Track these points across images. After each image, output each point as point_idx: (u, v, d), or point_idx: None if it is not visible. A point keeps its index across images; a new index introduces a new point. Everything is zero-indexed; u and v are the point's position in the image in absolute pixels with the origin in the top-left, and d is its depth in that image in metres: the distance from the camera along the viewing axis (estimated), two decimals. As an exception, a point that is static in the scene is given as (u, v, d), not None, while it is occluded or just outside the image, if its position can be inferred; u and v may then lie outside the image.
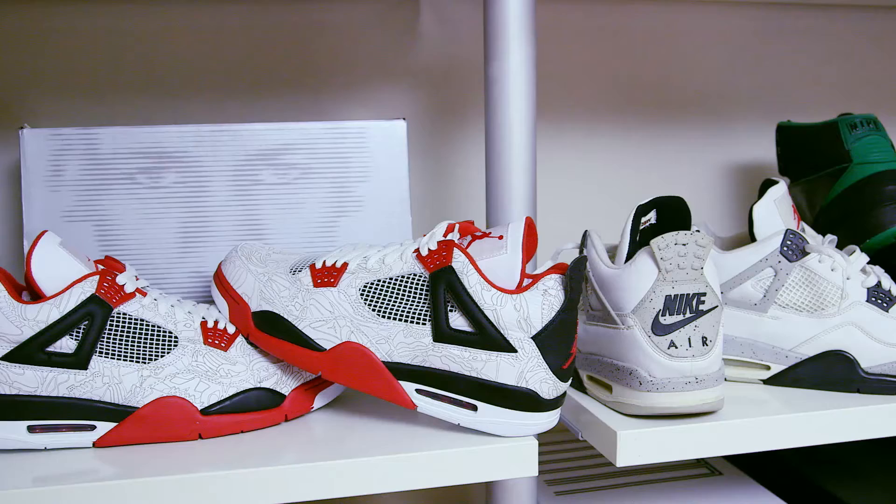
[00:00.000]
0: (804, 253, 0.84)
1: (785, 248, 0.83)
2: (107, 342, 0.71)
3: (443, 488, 1.20)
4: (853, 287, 0.84)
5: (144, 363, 0.71)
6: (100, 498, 0.64)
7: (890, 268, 1.07)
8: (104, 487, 0.64)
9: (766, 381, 0.86)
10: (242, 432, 0.74)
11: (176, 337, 0.73)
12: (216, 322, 0.76)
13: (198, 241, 0.86)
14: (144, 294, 0.74)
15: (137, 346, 0.71)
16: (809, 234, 0.87)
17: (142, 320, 0.72)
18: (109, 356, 0.70)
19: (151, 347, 0.72)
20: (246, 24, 1.06)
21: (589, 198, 1.20)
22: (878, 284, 0.85)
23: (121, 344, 0.71)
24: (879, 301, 0.84)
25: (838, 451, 0.96)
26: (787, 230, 0.84)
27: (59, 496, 0.64)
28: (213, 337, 0.75)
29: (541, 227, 1.19)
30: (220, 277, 0.79)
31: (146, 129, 0.85)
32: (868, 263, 1.04)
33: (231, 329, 0.76)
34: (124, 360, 0.71)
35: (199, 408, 0.72)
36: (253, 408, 0.74)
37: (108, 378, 0.70)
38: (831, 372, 0.84)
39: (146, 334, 0.72)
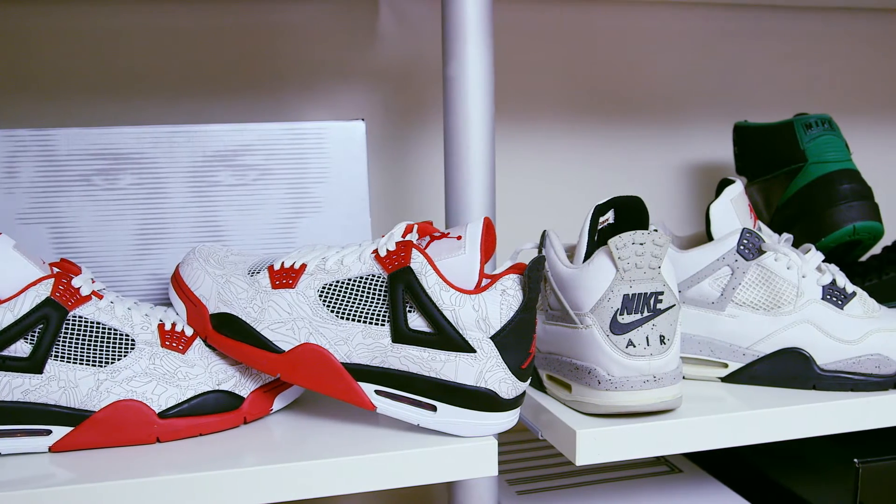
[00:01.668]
0: (760, 252, 0.84)
1: (741, 247, 0.84)
2: (62, 346, 0.70)
3: (405, 488, 1.20)
4: (809, 285, 0.85)
5: (101, 366, 0.70)
6: (56, 503, 0.63)
7: (845, 265, 1.08)
8: (60, 493, 0.63)
9: (724, 379, 0.87)
10: (201, 435, 0.73)
11: (133, 340, 0.72)
12: (174, 324, 0.76)
13: (155, 244, 0.85)
14: (101, 297, 0.73)
15: (93, 350, 0.71)
16: (766, 232, 0.88)
17: (98, 323, 0.72)
18: (65, 360, 0.70)
19: (108, 350, 0.71)
20: (203, 25, 1.06)
21: (548, 197, 1.21)
22: (833, 282, 0.86)
23: (76, 347, 0.70)
24: (834, 298, 0.85)
25: (795, 447, 0.97)
26: (743, 229, 0.85)
27: (14, 502, 0.63)
28: (171, 339, 0.74)
29: (500, 228, 1.19)
30: (177, 279, 0.78)
31: (102, 130, 0.84)
32: (823, 261, 1.05)
33: (189, 331, 0.76)
34: (80, 363, 0.70)
35: (157, 411, 0.71)
36: (211, 410, 0.73)
37: (63, 382, 0.69)
38: (788, 369, 0.85)
39: (102, 337, 0.71)
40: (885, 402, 0.82)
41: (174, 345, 0.74)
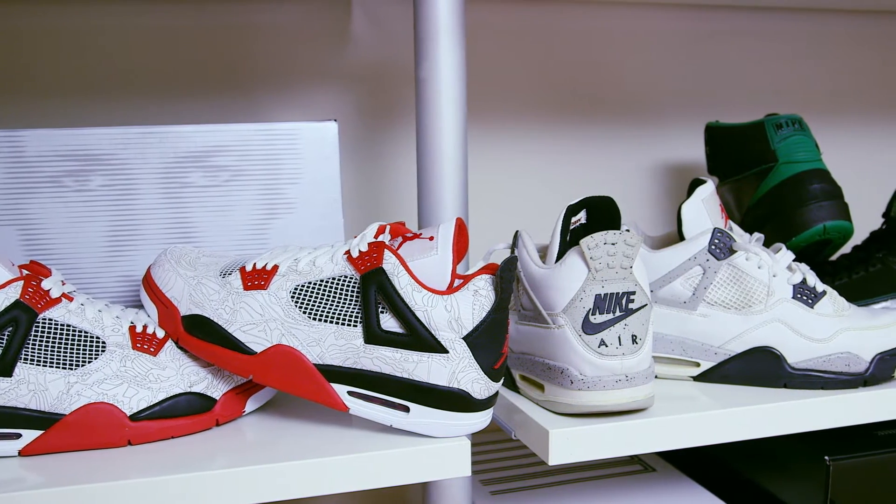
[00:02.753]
0: (731, 251, 0.85)
1: (713, 247, 0.85)
2: (32, 348, 0.69)
3: (380, 489, 1.20)
4: (779, 284, 0.85)
5: (71, 369, 0.70)
6: (26, 507, 0.63)
7: (815, 265, 1.09)
8: (31, 497, 0.63)
9: (696, 378, 0.87)
10: (173, 438, 0.73)
11: (103, 342, 0.72)
12: (145, 327, 0.75)
13: (126, 245, 0.85)
14: (71, 299, 0.73)
15: (64, 352, 0.70)
16: (737, 232, 0.89)
17: (68, 326, 0.71)
18: (35, 363, 0.69)
19: (78, 353, 0.71)
20: (174, 26, 1.05)
21: (520, 198, 1.21)
22: (804, 281, 0.86)
23: (46, 350, 0.70)
24: (805, 297, 0.85)
25: (767, 445, 0.98)
26: (714, 229, 0.85)
27: (-17, 506, 0.62)
28: (142, 342, 0.74)
29: (472, 228, 1.19)
30: (148, 281, 0.78)
31: (72, 131, 0.83)
32: (794, 261, 1.06)
33: (160, 333, 0.75)
34: (50, 366, 0.70)
35: (128, 414, 0.71)
36: (183, 413, 0.73)
37: (33, 385, 0.69)
38: (759, 368, 0.85)
39: (73, 340, 0.71)
40: (855, 400, 0.83)
41: (145, 347, 0.73)
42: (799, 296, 0.85)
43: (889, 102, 1.36)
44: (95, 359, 0.71)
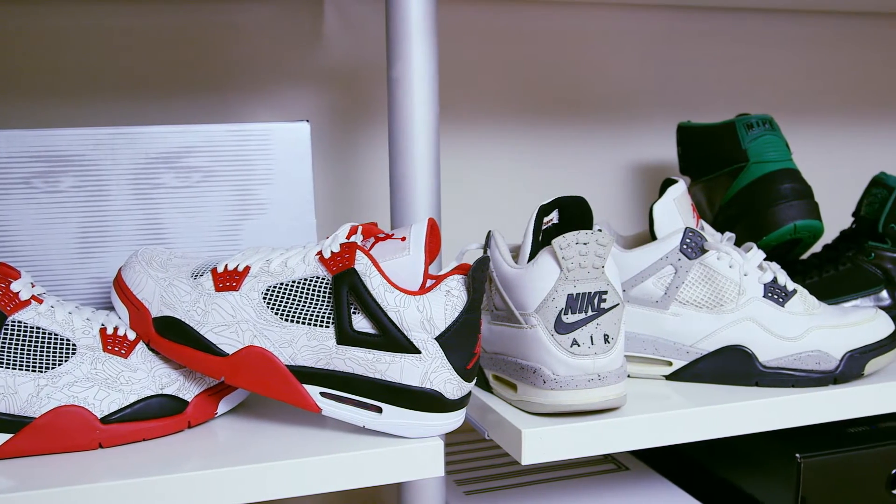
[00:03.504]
0: (703, 251, 0.85)
1: (684, 246, 0.85)
2: (1, 351, 0.69)
3: (354, 490, 1.20)
4: (750, 283, 0.86)
5: (41, 372, 0.70)
6: (-5, 511, 0.63)
7: (786, 264, 1.10)
8: (1, 501, 0.62)
9: (669, 377, 0.88)
10: (144, 440, 0.73)
11: (74, 344, 0.72)
12: (116, 329, 0.75)
13: (97, 247, 0.84)
14: (41, 301, 0.72)
15: (33, 355, 0.70)
16: (709, 231, 0.89)
17: (38, 328, 0.71)
18: (4, 365, 0.69)
19: (48, 356, 0.70)
20: (146, 25, 1.05)
21: (493, 198, 1.21)
22: (775, 280, 0.87)
23: (16, 353, 0.69)
24: (776, 296, 0.86)
25: (739, 443, 0.99)
26: (686, 228, 0.85)
27: (-48, 511, 0.62)
28: (113, 344, 0.73)
29: (445, 229, 1.19)
30: (119, 283, 0.77)
31: (42, 132, 0.83)
32: (765, 260, 1.07)
33: (131, 335, 0.75)
34: (20, 369, 0.69)
35: (99, 416, 0.70)
36: (155, 415, 0.72)
37: (2, 388, 0.68)
38: (731, 366, 0.86)
39: (42, 342, 0.70)
40: (826, 397, 0.84)
41: (116, 349, 0.73)
42: (770, 294, 0.86)
43: (858, 102, 1.38)
44: (66, 361, 0.71)
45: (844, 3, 1.24)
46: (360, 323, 0.70)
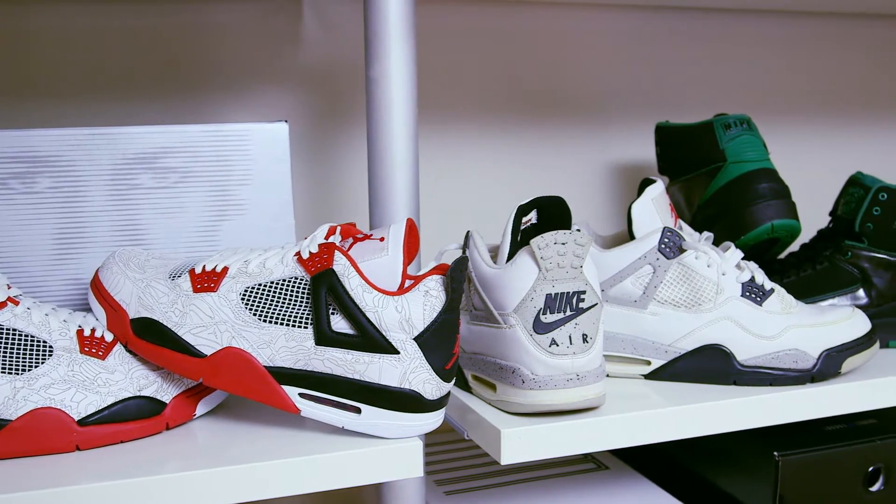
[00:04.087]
0: (681, 250, 0.86)
1: (662, 246, 0.85)
2: (-23, 353, 0.69)
3: (334, 490, 1.20)
4: (728, 282, 0.86)
5: (17, 374, 0.69)
6: (-29, 515, 0.62)
7: (764, 263, 1.11)
8: (-25, 504, 0.62)
9: (647, 376, 0.88)
10: (122, 442, 0.72)
11: (51, 346, 0.71)
12: (93, 330, 0.74)
13: (74, 248, 0.84)
14: (17, 303, 0.72)
15: (9, 357, 0.69)
16: (687, 231, 0.90)
17: (14, 330, 0.70)
18: (-20, 368, 0.68)
19: (24, 358, 0.70)
20: (125, 25, 1.04)
21: (472, 198, 1.21)
22: (752, 279, 0.87)
23: (-8, 355, 0.69)
24: (753, 295, 0.86)
25: (718, 442, 0.99)
26: (664, 228, 0.86)
27: (-73, 514, 0.61)
28: (90, 345, 0.73)
29: (424, 229, 1.19)
30: (97, 284, 0.77)
31: (18, 132, 0.82)
32: (742, 259, 1.07)
33: (109, 337, 0.74)
34: (-4, 371, 0.69)
35: (76, 419, 0.70)
36: (133, 417, 0.72)
37: (-22, 390, 0.68)
38: (709, 365, 0.86)
39: (19, 344, 0.70)
40: (803, 396, 0.84)
41: (94, 351, 0.73)
42: (747, 294, 0.86)
43: (835, 102, 1.38)
44: (42, 363, 0.70)
45: (821, 4, 1.25)
46: (339, 323, 0.69)
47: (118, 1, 1.03)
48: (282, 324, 0.70)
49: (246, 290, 0.71)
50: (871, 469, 0.95)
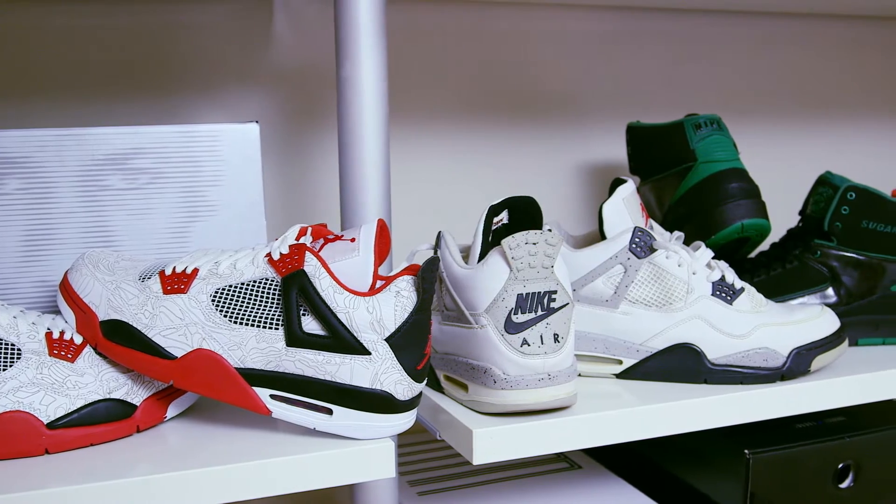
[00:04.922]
0: (652, 250, 0.86)
1: (633, 246, 0.86)
2: (-56, 357, 0.68)
3: (307, 492, 1.20)
4: (699, 281, 0.87)
5: (-15, 377, 0.69)
6: (-62, 519, 0.62)
7: (734, 262, 1.11)
8: (-58, 508, 0.62)
9: (619, 376, 0.88)
10: (92, 445, 0.72)
11: (19, 349, 0.71)
12: (62, 332, 0.74)
13: (42, 250, 0.83)
14: (-16, 306, 0.71)
15: (-23, 360, 0.69)
16: (658, 231, 0.90)
17: (-19, 333, 0.70)
18: (-53, 371, 0.68)
19: (-8, 361, 0.69)
20: (93, 25, 1.03)
21: (444, 198, 1.21)
22: (723, 278, 0.88)
23: (-41, 358, 0.68)
24: (724, 294, 0.87)
25: (689, 440, 1.00)
26: (635, 228, 0.86)
27: None
28: (59, 348, 0.72)
29: (396, 229, 1.19)
30: (66, 286, 0.76)
31: (-15, 134, 0.82)
32: (713, 258, 1.08)
33: (78, 339, 0.74)
34: (-37, 374, 0.68)
35: (45, 422, 0.69)
36: (102, 420, 0.72)
37: (-55, 394, 0.67)
38: (680, 364, 0.86)
39: (-14, 347, 0.69)
40: (773, 394, 0.85)
41: (63, 353, 0.72)
42: (718, 293, 0.87)
43: (805, 103, 1.40)
44: (10, 366, 0.70)
45: (791, 5, 1.25)
46: (310, 325, 0.69)
47: (87, 1, 1.03)
48: (253, 325, 0.70)
49: (216, 292, 0.71)
50: (840, 466, 0.96)
